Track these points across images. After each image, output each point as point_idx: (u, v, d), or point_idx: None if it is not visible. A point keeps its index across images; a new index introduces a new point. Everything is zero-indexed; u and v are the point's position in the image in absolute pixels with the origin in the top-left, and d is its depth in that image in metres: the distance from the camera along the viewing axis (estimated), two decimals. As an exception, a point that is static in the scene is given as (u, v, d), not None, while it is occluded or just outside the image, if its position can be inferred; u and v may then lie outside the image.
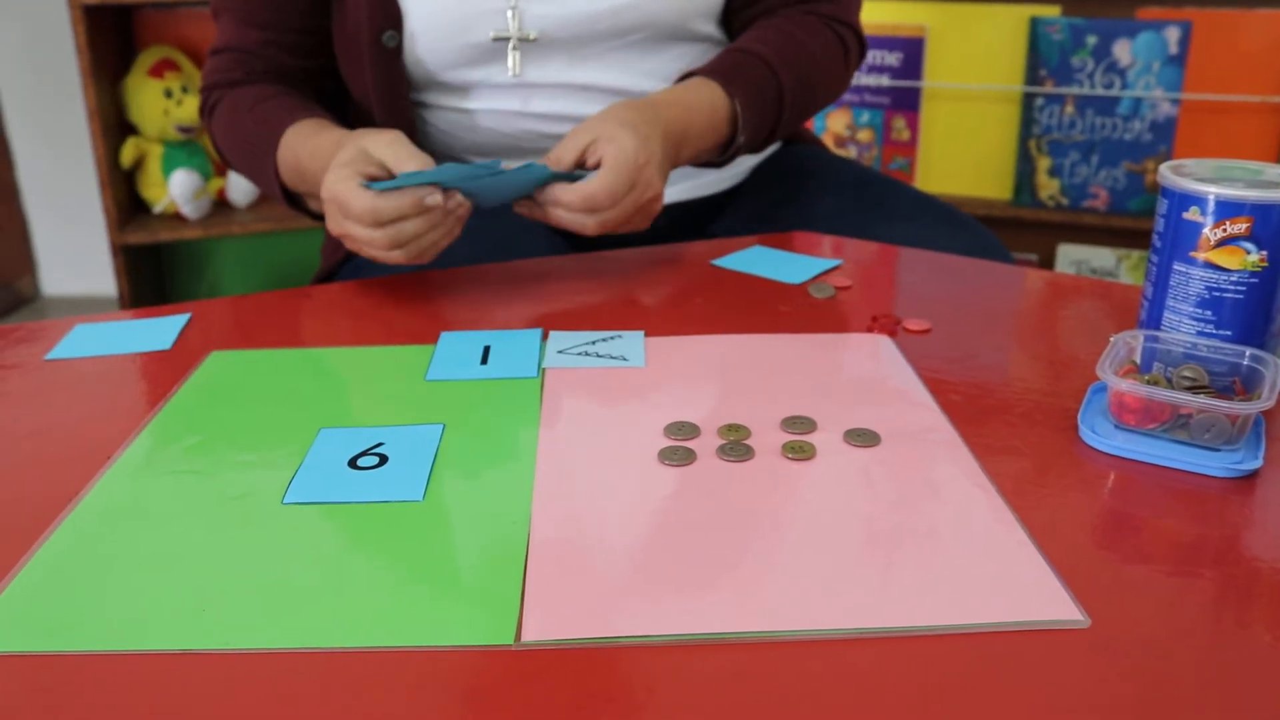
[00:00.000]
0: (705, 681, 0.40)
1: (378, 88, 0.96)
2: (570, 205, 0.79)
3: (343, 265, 1.02)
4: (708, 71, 0.92)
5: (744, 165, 1.10)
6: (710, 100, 0.91)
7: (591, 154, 0.81)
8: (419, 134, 1.03)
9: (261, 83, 0.99)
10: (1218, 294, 0.62)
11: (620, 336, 0.73)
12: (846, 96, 2.16)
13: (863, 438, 0.58)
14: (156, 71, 2.14)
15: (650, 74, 0.99)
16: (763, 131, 0.95)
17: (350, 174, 0.77)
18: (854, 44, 1.04)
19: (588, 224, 0.80)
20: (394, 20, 0.93)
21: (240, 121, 0.97)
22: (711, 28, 1.02)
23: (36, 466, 0.58)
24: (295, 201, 0.96)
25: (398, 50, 0.94)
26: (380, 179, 0.77)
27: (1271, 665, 0.41)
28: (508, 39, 0.94)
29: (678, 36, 0.99)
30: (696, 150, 0.91)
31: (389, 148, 0.78)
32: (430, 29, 0.93)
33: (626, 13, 0.94)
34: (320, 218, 0.93)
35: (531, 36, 0.94)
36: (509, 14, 0.93)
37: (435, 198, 0.75)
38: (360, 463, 0.57)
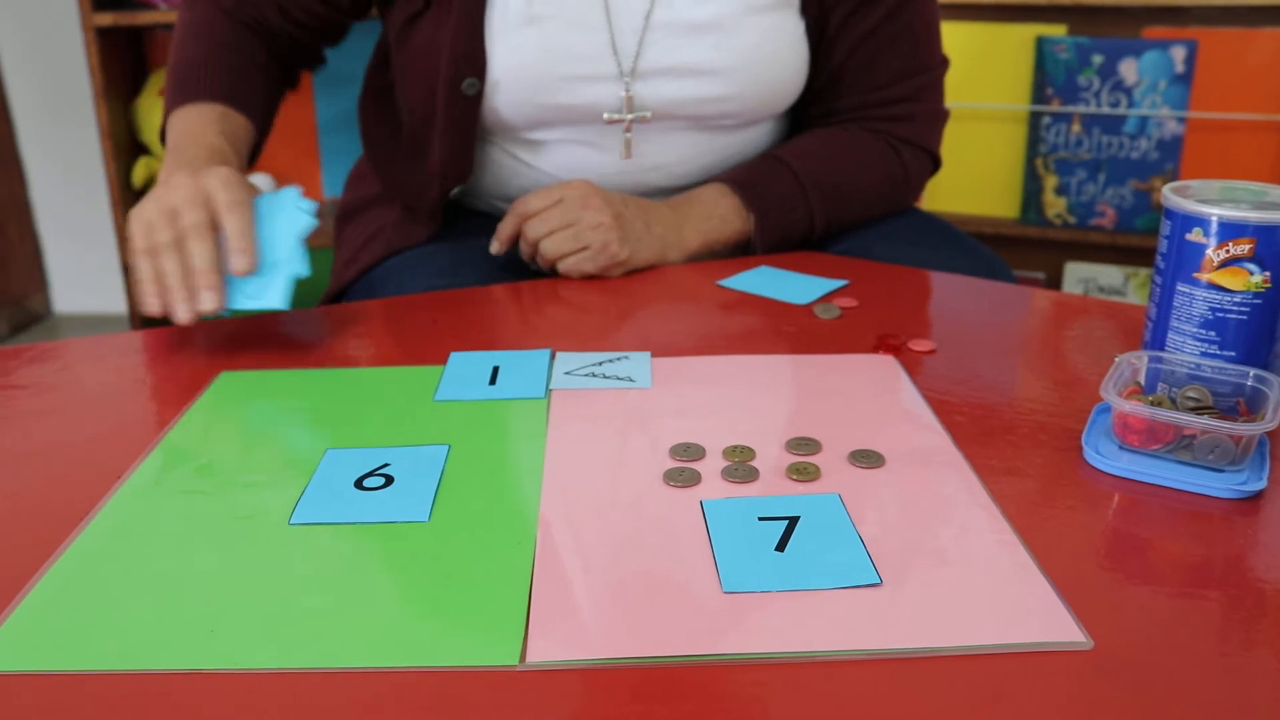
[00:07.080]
0: (709, 702, 0.41)
1: (447, 130, 0.94)
2: (511, 209, 0.91)
3: (352, 285, 1.02)
4: (729, 179, 0.97)
5: None
6: (715, 192, 0.96)
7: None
8: (475, 175, 1.02)
9: (240, 25, 0.97)
10: (1221, 315, 0.63)
11: (627, 358, 0.73)
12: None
13: (867, 459, 0.58)
14: (168, 92, 2.15)
15: (731, 148, 1.01)
16: (780, 221, 0.97)
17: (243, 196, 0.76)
18: (919, 164, 1.03)
19: (525, 232, 0.91)
20: (477, 66, 0.91)
21: (195, 45, 0.95)
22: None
23: (47, 486, 0.58)
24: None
25: (476, 98, 0.93)
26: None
27: (1275, 686, 0.41)
28: (621, 120, 0.93)
29: (761, 119, 1.01)
30: (689, 224, 0.95)
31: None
32: (516, 82, 0.92)
33: (731, 101, 0.95)
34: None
35: (647, 116, 0.94)
36: (623, 93, 0.92)
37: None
38: (366, 483, 0.57)
